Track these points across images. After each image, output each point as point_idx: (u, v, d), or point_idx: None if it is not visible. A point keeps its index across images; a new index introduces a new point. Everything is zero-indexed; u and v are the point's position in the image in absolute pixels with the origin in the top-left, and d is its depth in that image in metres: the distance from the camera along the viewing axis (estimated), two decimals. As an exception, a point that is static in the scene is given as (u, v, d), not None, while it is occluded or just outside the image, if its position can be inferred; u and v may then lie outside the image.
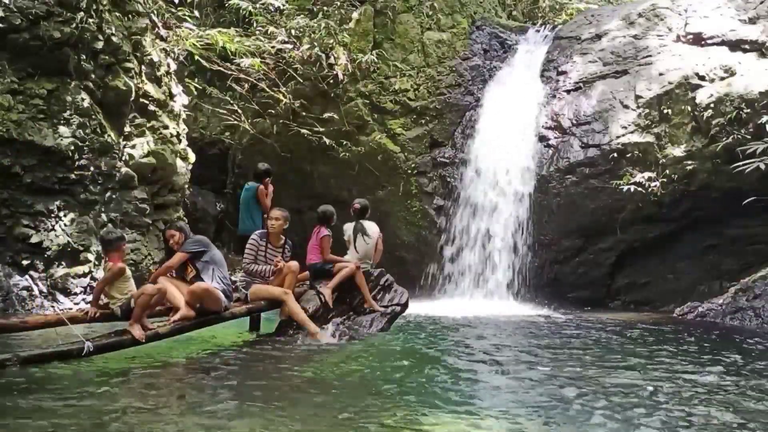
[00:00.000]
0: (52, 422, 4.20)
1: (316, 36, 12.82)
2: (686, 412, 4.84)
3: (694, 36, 11.76)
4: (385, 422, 4.39)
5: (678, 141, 11.36)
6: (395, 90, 13.24)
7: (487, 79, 13.33)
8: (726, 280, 11.40)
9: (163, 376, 5.82)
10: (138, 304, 6.24)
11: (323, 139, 12.91)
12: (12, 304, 8.52)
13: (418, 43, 13.47)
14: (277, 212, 7.80)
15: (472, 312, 10.64)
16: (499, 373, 6.25)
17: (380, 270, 8.55)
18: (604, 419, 4.61)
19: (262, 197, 9.41)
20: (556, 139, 12.28)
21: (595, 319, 10.40)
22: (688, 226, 11.82)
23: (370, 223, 8.53)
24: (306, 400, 4.96)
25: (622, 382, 5.76)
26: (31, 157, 8.90)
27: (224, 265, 7.32)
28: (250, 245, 7.78)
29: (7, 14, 8.69)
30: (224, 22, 13.99)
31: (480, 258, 12.49)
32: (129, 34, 10.35)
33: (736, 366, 6.63)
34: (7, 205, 8.82)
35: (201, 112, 14.08)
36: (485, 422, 4.50)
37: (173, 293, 6.81)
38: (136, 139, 10.35)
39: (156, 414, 4.50)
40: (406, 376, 5.88)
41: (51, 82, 9.13)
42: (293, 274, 7.61)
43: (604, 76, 12.29)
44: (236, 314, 7.42)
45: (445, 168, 13.04)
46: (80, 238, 9.20)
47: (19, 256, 8.85)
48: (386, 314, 8.12)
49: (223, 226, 14.20)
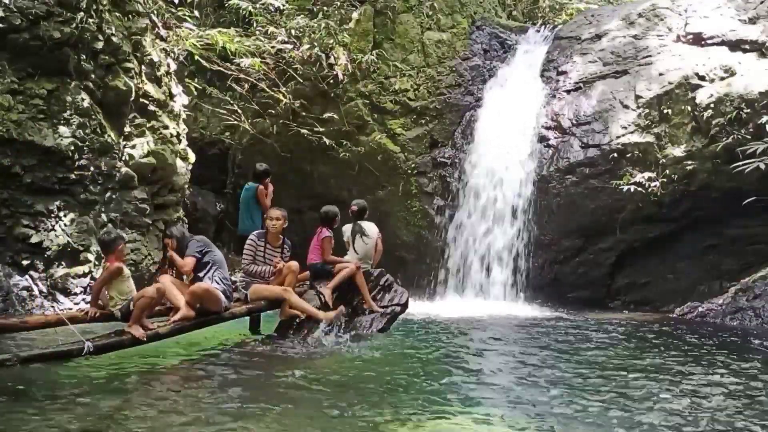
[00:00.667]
0: (51, 422, 4.20)
1: (316, 36, 12.81)
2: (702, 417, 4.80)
3: (694, 36, 11.76)
4: (385, 422, 4.39)
5: (678, 141, 11.36)
6: (395, 90, 13.24)
7: (487, 79, 13.33)
8: (726, 280, 11.40)
9: (162, 377, 5.82)
10: (137, 305, 6.24)
11: (323, 139, 12.90)
12: (12, 304, 8.51)
13: (418, 43, 13.47)
14: (278, 212, 7.78)
15: (472, 312, 10.65)
16: (499, 373, 6.26)
17: (380, 270, 8.55)
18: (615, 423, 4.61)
19: (261, 197, 9.42)
20: (556, 139, 12.27)
21: (596, 319, 10.40)
22: (688, 226, 11.81)
23: (369, 224, 8.54)
24: (306, 401, 4.96)
25: (627, 383, 5.75)
26: (31, 157, 8.89)
27: (224, 265, 7.32)
28: (248, 246, 7.78)
29: (7, 14, 8.68)
30: (224, 22, 13.98)
31: (480, 258, 12.48)
32: (129, 34, 10.34)
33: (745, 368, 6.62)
34: (7, 205, 8.81)
35: (201, 112, 14.07)
36: (485, 423, 4.50)
37: (173, 293, 6.81)
38: (136, 139, 10.34)
39: (156, 414, 4.50)
40: (406, 376, 5.88)
41: (51, 82, 9.12)
42: (293, 274, 7.61)
43: (604, 76, 12.29)
44: (236, 314, 7.42)
45: (445, 168, 13.03)
46: (80, 238, 9.19)
47: (19, 256, 8.83)
48: (386, 314, 8.13)
49: (223, 226, 14.19)
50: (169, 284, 6.83)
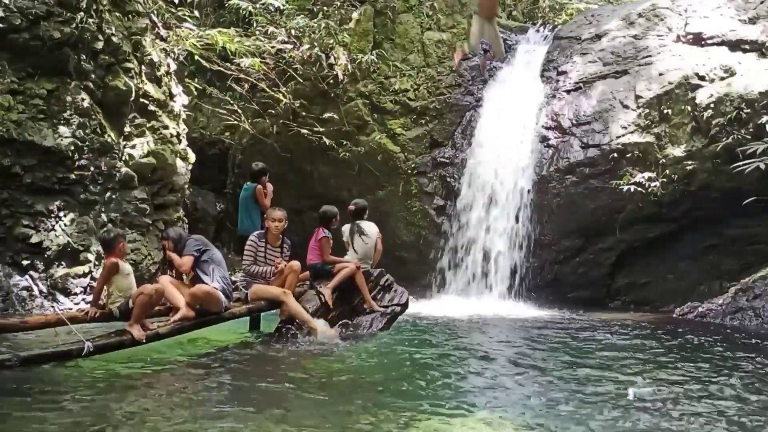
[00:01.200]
0: (51, 422, 4.20)
1: (316, 36, 12.81)
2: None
3: (694, 36, 11.76)
4: (385, 422, 4.39)
5: (678, 141, 11.36)
6: (395, 90, 13.24)
7: (487, 79, 13.33)
8: (726, 280, 11.39)
9: (163, 377, 5.82)
10: (137, 303, 6.23)
11: (323, 139, 12.90)
12: (12, 304, 8.51)
13: (418, 43, 13.48)
14: (279, 213, 7.77)
15: (472, 312, 10.64)
16: (499, 373, 6.25)
17: (380, 270, 8.56)
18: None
19: (260, 197, 9.43)
20: (556, 139, 12.27)
21: (597, 319, 10.39)
22: (688, 226, 11.81)
23: (369, 224, 8.54)
24: (305, 401, 4.97)
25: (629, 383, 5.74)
26: (31, 157, 8.89)
27: (224, 265, 7.33)
28: (249, 246, 7.78)
29: (7, 14, 8.69)
30: (224, 22, 13.99)
31: (480, 258, 12.48)
32: (129, 34, 10.35)
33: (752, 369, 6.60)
34: (7, 205, 8.82)
35: (201, 112, 14.08)
36: (485, 423, 4.50)
37: (173, 293, 6.81)
38: (136, 139, 10.34)
39: (156, 414, 4.50)
40: (406, 376, 5.88)
41: (51, 82, 9.12)
42: (294, 274, 7.62)
43: (604, 76, 12.29)
44: (236, 314, 7.43)
45: (445, 168, 13.03)
46: (80, 238, 9.19)
47: (19, 256, 8.84)
48: (386, 314, 8.13)
49: (223, 226, 14.20)
50: (168, 285, 6.83)
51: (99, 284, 6.55)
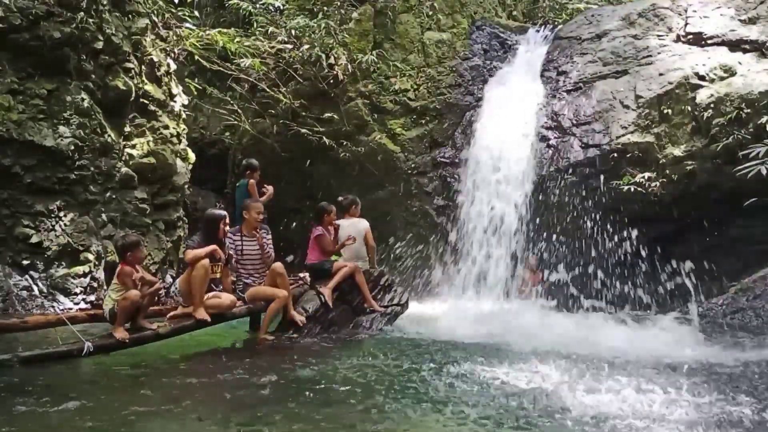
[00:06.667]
0: (51, 423, 4.20)
1: (316, 36, 12.81)
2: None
3: (694, 36, 11.76)
4: (385, 422, 4.39)
5: (678, 141, 11.36)
6: (395, 90, 13.24)
7: (487, 79, 13.33)
8: (726, 280, 11.39)
9: (163, 377, 5.82)
10: (119, 308, 6.25)
11: (323, 139, 12.90)
12: (12, 304, 8.52)
13: (418, 43, 13.47)
14: (260, 206, 7.90)
15: (472, 312, 10.62)
16: (500, 374, 6.25)
17: (380, 270, 8.58)
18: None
19: (252, 191, 9.48)
20: (556, 139, 12.26)
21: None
22: (688, 226, 11.81)
23: (355, 220, 8.56)
24: (305, 401, 4.96)
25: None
26: (31, 157, 8.90)
27: None
28: (229, 245, 7.71)
29: (7, 14, 8.69)
30: (224, 22, 14.01)
31: (480, 258, 12.47)
32: (129, 34, 10.36)
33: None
34: (7, 205, 8.82)
35: (201, 112, 14.10)
36: (485, 423, 4.50)
37: (199, 289, 6.86)
38: (136, 139, 10.35)
39: (156, 414, 4.50)
40: (406, 376, 5.88)
41: (51, 82, 9.13)
42: (281, 277, 7.52)
43: (604, 76, 12.29)
44: (236, 314, 7.44)
45: (445, 168, 13.03)
46: (80, 238, 9.20)
47: (19, 256, 8.85)
48: (386, 314, 8.15)
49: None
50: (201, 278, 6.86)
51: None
